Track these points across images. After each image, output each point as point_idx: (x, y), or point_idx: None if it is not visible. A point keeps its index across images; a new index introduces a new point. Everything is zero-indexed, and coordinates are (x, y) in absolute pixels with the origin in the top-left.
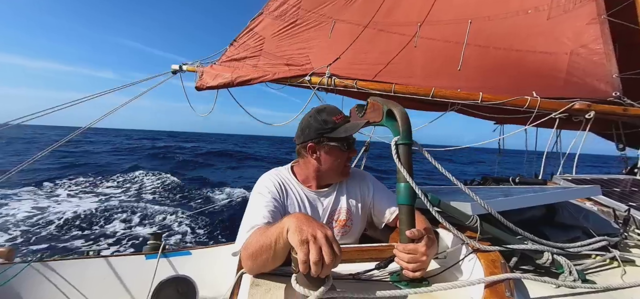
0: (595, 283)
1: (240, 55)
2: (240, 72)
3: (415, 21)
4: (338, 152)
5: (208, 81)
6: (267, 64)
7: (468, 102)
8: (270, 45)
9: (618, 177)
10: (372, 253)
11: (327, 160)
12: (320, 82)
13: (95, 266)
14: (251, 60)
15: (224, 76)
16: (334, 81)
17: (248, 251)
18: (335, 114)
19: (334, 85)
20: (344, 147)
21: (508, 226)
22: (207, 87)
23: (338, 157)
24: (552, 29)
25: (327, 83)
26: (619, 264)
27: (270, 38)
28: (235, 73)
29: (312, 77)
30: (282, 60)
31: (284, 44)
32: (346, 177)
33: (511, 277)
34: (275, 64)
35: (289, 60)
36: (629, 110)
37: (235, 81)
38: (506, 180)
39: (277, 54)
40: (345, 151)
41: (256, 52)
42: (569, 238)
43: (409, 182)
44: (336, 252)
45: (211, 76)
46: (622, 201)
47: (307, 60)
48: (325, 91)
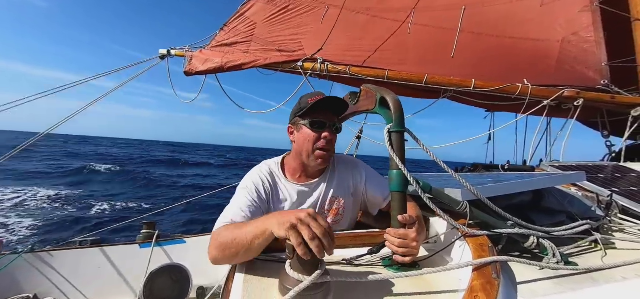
0: (577, 265)
1: (230, 40)
2: (231, 57)
3: (409, 7)
4: (307, 131)
5: (197, 65)
6: (259, 49)
7: (460, 89)
8: (262, 31)
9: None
10: (364, 239)
11: (299, 140)
12: (312, 68)
13: (89, 255)
14: (242, 45)
15: (214, 60)
16: (327, 67)
17: (218, 241)
18: (314, 95)
19: (327, 71)
20: (310, 126)
21: (496, 211)
22: (196, 72)
23: (307, 137)
24: (545, 16)
25: (320, 69)
26: (600, 247)
27: (261, 23)
28: (225, 57)
29: (304, 63)
30: (274, 46)
31: (276, 29)
32: (321, 163)
33: (498, 260)
34: (267, 50)
35: (281, 46)
36: (617, 98)
37: (226, 66)
38: (496, 167)
39: (268, 39)
40: (313, 130)
41: (247, 38)
42: (554, 222)
43: (401, 169)
44: (323, 224)
45: (201, 61)
46: (605, 186)
47: (300, 47)
48: (318, 77)
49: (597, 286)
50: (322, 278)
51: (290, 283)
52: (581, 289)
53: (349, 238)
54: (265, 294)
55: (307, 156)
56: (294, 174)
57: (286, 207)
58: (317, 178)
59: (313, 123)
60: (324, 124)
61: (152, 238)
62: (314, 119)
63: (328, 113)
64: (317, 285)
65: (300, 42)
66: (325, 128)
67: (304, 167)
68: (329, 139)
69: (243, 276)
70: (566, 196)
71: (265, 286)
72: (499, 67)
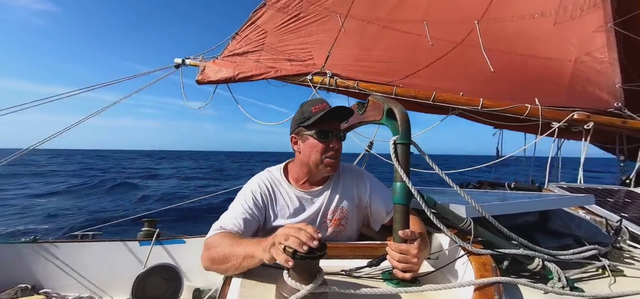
0: (583, 291)
1: (242, 49)
2: (242, 67)
3: (421, 19)
4: (314, 141)
5: (210, 75)
6: (269, 59)
7: (468, 107)
8: (273, 39)
9: (612, 187)
10: (365, 250)
11: (305, 151)
12: (321, 82)
13: (89, 249)
14: (253, 54)
15: (226, 71)
16: (335, 81)
17: (209, 253)
18: (317, 104)
19: (336, 85)
20: (317, 137)
21: (501, 230)
22: (208, 81)
23: (315, 148)
24: (558, 35)
25: (329, 83)
26: (608, 274)
27: (272, 31)
28: (237, 68)
29: (314, 76)
30: (284, 56)
31: (286, 38)
32: (330, 171)
33: (501, 281)
34: (277, 60)
35: (291, 56)
36: (628, 123)
37: (237, 77)
38: (502, 185)
39: (279, 48)
40: (320, 140)
41: (258, 47)
42: (560, 245)
43: (405, 182)
44: (301, 226)
45: (213, 71)
46: (614, 211)
47: (310, 56)
48: (326, 90)
49: None
50: (319, 287)
51: (287, 290)
52: None
53: (348, 249)
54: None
55: (316, 166)
56: (298, 181)
57: (288, 212)
58: (321, 185)
59: (320, 133)
60: (331, 132)
61: (152, 236)
62: (321, 129)
63: (334, 122)
64: (314, 295)
65: (310, 51)
66: (332, 138)
67: (309, 175)
68: (337, 149)
69: (240, 280)
70: (574, 218)
71: (261, 292)
72: (509, 85)
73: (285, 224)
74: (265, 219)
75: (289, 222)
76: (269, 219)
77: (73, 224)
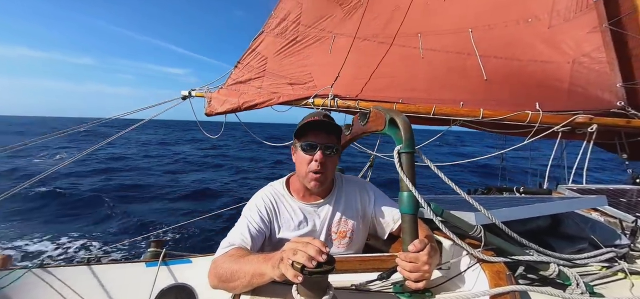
0: (603, 296)
1: (244, 77)
2: (247, 97)
3: (415, 32)
4: (301, 153)
5: (216, 107)
6: (272, 84)
7: (469, 119)
8: (273, 65)
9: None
10: (374, 263)
11: (296, 163)
12: (323, 104)
13: (94, 273)
14: (255, 81)
15: (231, 100)
16: (336, 102)
17: (217, 271)
18: (309, 116)
19: (337, 106)
20: (303, 149)
21: (513, 236)
22: (216, 113)
23: (302, 160)
24: (553, 38)
25: (330, 105)
26: (626, 276)
27: (272, 57)
28: (241, 98)
29: (315, 99)
30: (285, 80)
31: (286, 62)
32: (314, 185)
33: (517, 289)
34: (279, 85)
35: (292, 80)
36: (632, 122)
37: (242, 106)
38: (510, 190)
39: (280, 73)
40: (306, 152)
41: (260, 73)
42: (574, 249)
43: (412, 191)
44: (308, 241)
45: (219, 102)
46: (629, 211)
47: (310, 78)
48: (328, 110)
49: None
50: None
51: None
52: None
53: (357, 262)
54: None
55: (303, 178)
56: (299, 193)
57: (292, 225)
58: (322, 198)
59: (306, 145)
60: (316, 146)
61: (159, 257)
62: (305, 141)
63: (321, 134)
64: None
65: (310, 73)
66: (316, 150)
67: (305, 187)
68: (321, 161)
69: (249, 298)
70: (587, 221)
71: None
72: (509, 91)
73: (291, 238)
74: (270, 232)
75: (294, 235)
76: (274, 232)
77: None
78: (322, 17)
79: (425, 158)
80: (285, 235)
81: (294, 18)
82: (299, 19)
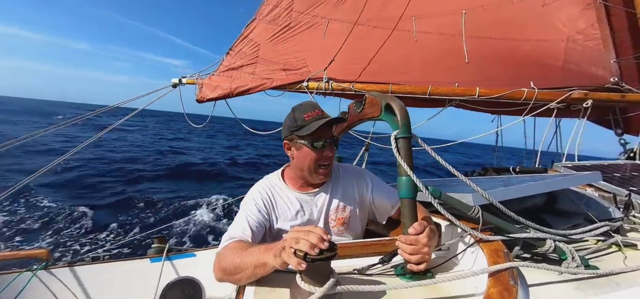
0: (598, 268)
1: (237, 64)
2: (239, 82)
3: (410, 15)
4: (307, 150)
5: (208, 93)
6: (265, 70)
7: (465, 98)
8: (266, 51)
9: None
10: (375, 248)
11: (299, 158)
12: (317, 87)
13: (100, 271)
14: (248, 68)
15: (223, 86)
16: (331, 85)
17: (221, 264)
18: (309, 110)
19: (332, 89)
20: (311, 146)
21: (509, 215)
22: (208, 99)
23: (308, 156)
24: (547, 15)
25: (325, 88)
26: (620, 249)
27: (265, 44)
28: (234, 83)
29: (309, 82)
30: (278, 66)
31: (279, 48)
32: (323, 178)
33: (514, 265)
34: (272, 71)
35: (285, 65)
36: (627, 96)
37: (235, 92)
38: (506, 170)
39: (273, 59)
40: (314, 149)
41: (253, 60)
42: (570, 224)
43: (410, 176)
44: (310, 229)
45: (210, 88)
46: (622, 185)
47: (304, 64)
48: (323, 95)
49: (621, 290)
50: (332, 288)
51: (301, 294)
52: (605, 293)
53: (359, 247)
54: None
55: (309, 173)
56: (296, 184)
57: (290, 215)
58: (319, 187)
59: (314, 142)
60: (324, 141)
61: (163, 252)
62: (314, 139)
63: (326, 129)
64: (328, 296)
65: (304, 59)
66: (324, 146)
67: (303, 178)
68: (330, 156)
69: (254, 288)
70: (582, 197)
71: (275, 298)
72: (504, 71)
73: (290, 227)
74: (270, 224)
75: (292, 224)
76: (273, 223)
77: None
78: (315, 4)
79: (422, 143)
80: (283, 225)
81: (286, 5)
82: (291, 5)
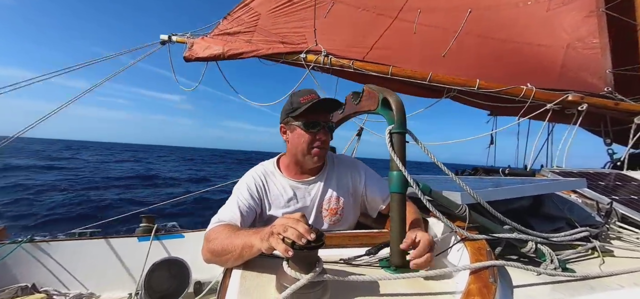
0: (574, 271)
1: (233, 29)
2: (233, 45)
3: (416, 7)
4: (301, 132)
5: (198, 51)
6: (262, 40)
7: (464, 88)
8: (266, 22)
9: (604, 171)
10: (363, 239)
11: (293, 141)
12: (315, 61)
13: (88, 247)
14: (245, 35)
15: (215, 48)
16: (330, 60)
17: (209, 245)
18: (306, 95)
19: (330, 64)
20: (304, 128)
21: (495, 215)
22: (196, 58)
23: (302, 138)
24: (550, 21)
25: (323, 62)
26: (598, 255)
27: (266, 14)
28: (227, 45)
29: (307, 54)
30: (277, 38)
31: (280, 21)
32: (317, 161)
33: (495, 264)
34: (270, 42)
35: (284, 39)
36: (620, 105)
37: (227, 53)
38: (496, 171)
39: (272, 31)
40: (308, 131)
41: (250, 28)
42: (553, 228)
43: (402, 171)
44: (298, 218)
45: (202, 47)
46: (605, 194)
47: (304, 40)
48: (320, 71)
49: (594, 293)
50: (318, 276)
51: (287, 280)
52: (578, 296)
53: (347, 238)
54: (262, 290)
55: (303, 156)
56: (290, 171)
57: (282, 201)
58: (313, 175)
59: (308, 124)
60: (319, 124)
61: (151, 232)
62: (308, 120)
63: (322, 113)
64: (313, 284)
65: (304, 35)
66: (319, 128)
67: (300, 165)
68: (324, 140)
69: (240, 272)
70: (566, 202)
71: (262, 282)
72: (503, 71)
73: (281, 215)
74: (261, 209)
75: (284, 212)
76: (265, 209)
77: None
78: None
79: (416, 139)
80: (275, 212)
81: None
82: None
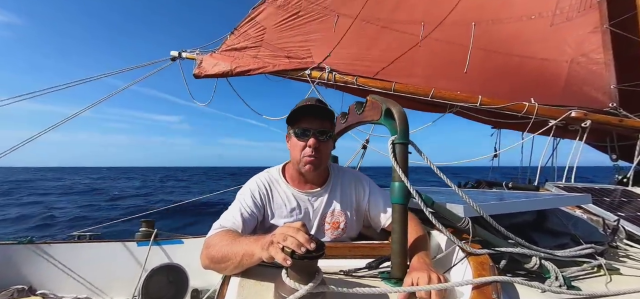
0: (580, 289)
1: (240, 45)
2: (240, 62)
3: (420, 20)
4: (294, 139)
5: (207, 69)
6: (268, 55)
7: (467, 104)
8: (272, 36)
9: (609, 187)
10: (364, 250)
11: (290, 149)
12: (320, 77)
13: (87, 250)
14: (251, 50)
15: (223, 64)
16: (334, 76)
17: (208, 252)
18: (306, 101)
19: (334, 80)
20: (297, 135)
21: (499, 229)
22: (206, 75)
23: (296, 146)
24: (554, 36)
25: (327, 78)
26: (604, 273)
27: (271, 28)
28: (234, 63)
29: (312, 71)
30: (283, 53)
31: (285, 35)
32: (309, 169)
33: (498, 280)
34: (275, 56)
35: (290, 53)
36: (625, 121)
37: (235, 70)
38: (500, 184)
39: (278, 45)
40: (299, 138)
41: (257, 43)
42: (557, 244)
43: (404, 182)
44: (299, 227)
45: (210, 64)
46: (611, 210)
47: (309, 54)
48: (325, 86)
49: None
50: (317, 287)
51: (285, 290)
52: None
53: (347, 249)
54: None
55: (297, 163)
56: (294, 180)
57: (285, 211)
58: (318, 187)
59: (299, 131)
60: (309, 131)
61: (150, 237)
62: (298, 126)
63: (314, 119)
64: (312, 295)
65: (309, 49)
66: (310, 135)
67: (301, 174)
68: (314, 147)
69: (239, 280)
70: (571, 217)
71: (260, 291)
72: (506, 85)
73: (283, 223)
74: (263, 217)
75: (286, 221)
76: (267, 217)
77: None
78: None
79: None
80: (277, 221)
81: None
82: None
